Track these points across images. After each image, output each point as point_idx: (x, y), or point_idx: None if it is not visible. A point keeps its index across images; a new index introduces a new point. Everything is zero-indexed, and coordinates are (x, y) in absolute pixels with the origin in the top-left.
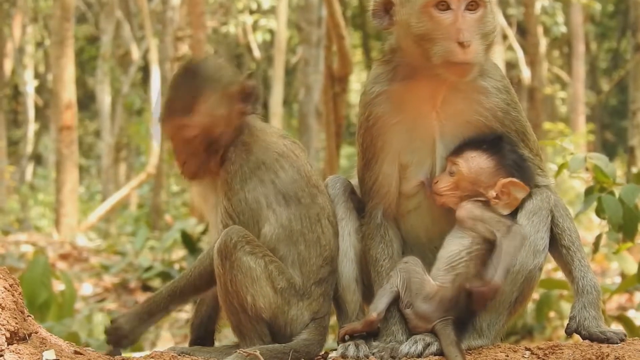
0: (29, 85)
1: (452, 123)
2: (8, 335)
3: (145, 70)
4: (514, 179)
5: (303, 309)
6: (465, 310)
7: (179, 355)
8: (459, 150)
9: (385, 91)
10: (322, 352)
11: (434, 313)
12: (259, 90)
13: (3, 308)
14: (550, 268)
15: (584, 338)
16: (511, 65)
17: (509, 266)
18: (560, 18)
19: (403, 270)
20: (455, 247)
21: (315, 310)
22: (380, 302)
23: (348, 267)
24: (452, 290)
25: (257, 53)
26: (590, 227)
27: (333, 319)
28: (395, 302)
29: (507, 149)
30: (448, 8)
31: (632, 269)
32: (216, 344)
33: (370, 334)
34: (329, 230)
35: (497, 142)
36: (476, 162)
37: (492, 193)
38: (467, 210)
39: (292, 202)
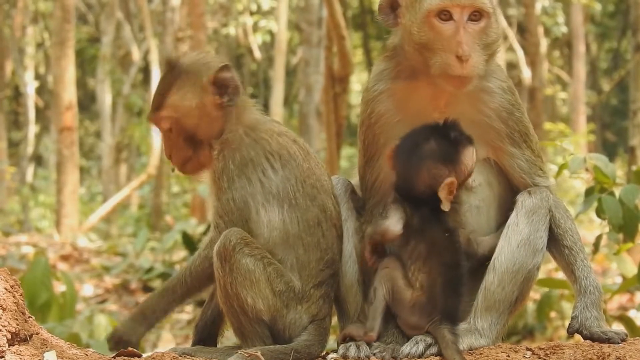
0: (30, 86)
1: None
2: (9, 336)
3: (145, 71)
4: None
5: (302, 312)
6: (446, 302)
7: (180, 356)
8: None
9: (388, 89)
10: (323, 353)
11: (420, 320)
12: (235, 82)
13: (4, 309)
14: (552, 268)
15: (585, 338)
16: (512, 66)
17: None
18: (560, 18)
19: (385, 279)
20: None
21: (314, 313)
22: (376, 322)
23: (351, 269)
24: (424, 293)
25: (257, 54)
26: (590, 228)
27: (334, 320)
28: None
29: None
30: (450, 18)
31: (630, 271)
32: (218, 344)
33: None
34: (331, 234)
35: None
36: None
37: None
38: None
39: (286, 203)
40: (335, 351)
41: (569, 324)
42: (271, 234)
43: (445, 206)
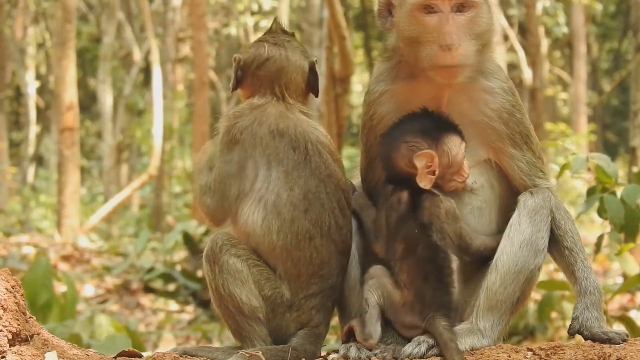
0: (31, 86)
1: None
2: (10, 336)
3: (147, 71)
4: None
5: (289, 320)
6: (434, 295)
7: (181, 356)
8: None
9: (388, 90)
10: (324, 353)
11: (414, 319)
12: (236, 76)
13: (5, 309)
14: (552, 269)
15: (586, 339)
16: (513, 66)
17: None
18: (561, 19)
19: (375, 287)
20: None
21: (305, 322)
22: (373, 328)
23: (354, 269)
24: (410, 291)
25: None
26: (591, 228)
27: (334, 320)
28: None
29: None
30: (435, 11)
31: (633, 270)
32: (219, 344)
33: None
34: (327, 249)
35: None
36: None
37: None
38: None
39: (270, 211)
40: (336, 351)
41: (570, 325)
42: (248, 231)
43: (423, 183)
